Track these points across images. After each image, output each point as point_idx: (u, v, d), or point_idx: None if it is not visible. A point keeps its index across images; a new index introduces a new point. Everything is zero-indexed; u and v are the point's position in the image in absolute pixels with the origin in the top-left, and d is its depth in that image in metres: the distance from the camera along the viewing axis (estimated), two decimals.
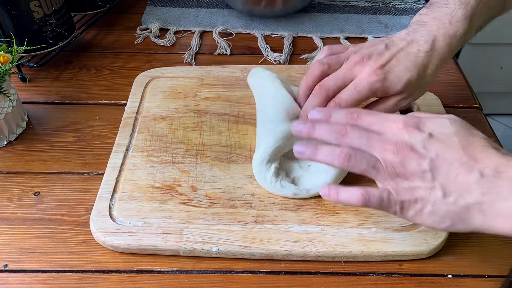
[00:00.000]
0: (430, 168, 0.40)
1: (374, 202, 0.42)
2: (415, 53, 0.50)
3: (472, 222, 0.39)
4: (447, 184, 0.39)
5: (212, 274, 0.47)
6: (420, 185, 0.40)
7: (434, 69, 0.51)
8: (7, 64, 0.57)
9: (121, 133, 0.60)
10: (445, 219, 0.40)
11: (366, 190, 0.42)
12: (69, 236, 0.51)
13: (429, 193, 0.40)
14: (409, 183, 0.41)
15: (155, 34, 0.82)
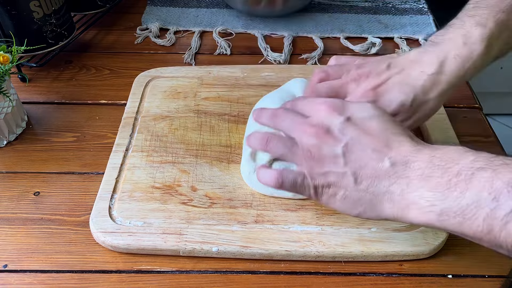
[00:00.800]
0: (343, 153, 0.40)
1: (287, 184, 0.42)
2: (417, 75, 0.47)
3: (383, 210, 0.39)
4: (359, 170, 0.39)
5: (212, 274, 0.47)
6: (333, 170, 0.40)
7: (440, 93, 0.47)
8: (7, 64, 0.57)
9: (121, 133, 0.60)
10: (357, 205, 0.40)
11: (281, 173, 0.43)
12: (69, 236, 0.51)
13: (341, 179, 0.40)
14: (323, 168, 0.41)
15: (155, 34, 0.82)
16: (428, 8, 0.89)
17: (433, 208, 0.36)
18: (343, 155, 0.40)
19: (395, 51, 0.79)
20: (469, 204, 0.34)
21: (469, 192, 0.34)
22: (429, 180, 0.36)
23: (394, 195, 0.38)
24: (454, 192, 0.35)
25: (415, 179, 0.37)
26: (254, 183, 0.53)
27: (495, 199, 0.33)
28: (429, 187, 0.36)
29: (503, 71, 1.56)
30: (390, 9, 0.89)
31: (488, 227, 0.33)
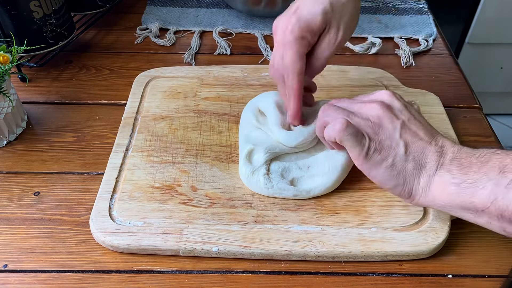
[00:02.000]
0: (400, 126, 0.46)
1: (350, 132, 0.46)
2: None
3: (418, 185, 0.45)
4: (411, 144, 0.45)
5: (212, 274, 0.47)
6: (387, 137, 0.46)
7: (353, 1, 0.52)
8: (7, 64, 0.57)
9: (121, 133, 0.60)
10: (399, 176, 0.45)
11: (348, 122, 0.46)
12: (69, 236, 0.51)
13: (394, 147, 0.45)
14: (380, 135, 0.46)
15: (155, 34, 0.82)
16: (428, 8, 0.89)
17: (454, 180, 0.42)
18: (400, 129, 0.46)
19: (394, 51, 0.79)
20: (481, 177, 0.40)
21: (484, 167, 0.41)
22: (457, 161, 0.43)
23: (431, 171, 0.44)
24: (473, 168, 0.41)
25: (447, 160, 0.44)
26: (253, 185, 0.53)
27: (502, 171, 0.39)
28: (456, 165, 0.43)
29: (503, 71, 1.56)
30: (390, 9, 0.89)
31: (493, 196, 0.39)
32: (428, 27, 0.84)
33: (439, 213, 0.50)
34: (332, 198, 0.52)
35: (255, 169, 0.52)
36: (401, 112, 0.47)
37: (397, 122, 0.46)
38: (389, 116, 0.46)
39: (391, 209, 0.51)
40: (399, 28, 0.84)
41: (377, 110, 0.47)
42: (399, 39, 0.81)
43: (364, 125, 0.46)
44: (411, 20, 0.86)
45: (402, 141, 0.45)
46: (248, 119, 0.58)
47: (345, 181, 0.54)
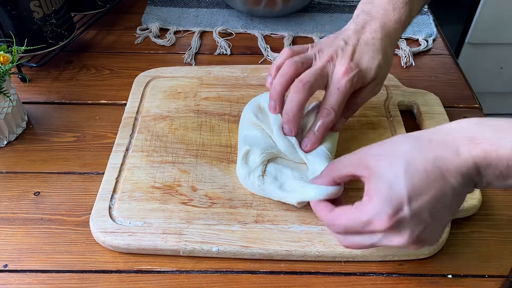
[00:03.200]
0: (430, 217, 0.39)
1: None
2: (372, 41, 0.53)
3: None
4: (435, 215, 0.39)
5: (212, 274, 0.47)
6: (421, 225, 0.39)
7: (391, 52, 0.55)
8: (7, 64, 0.57)
9: (121, 133, 0.60)
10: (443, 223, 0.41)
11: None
12: (69, 236, 0.51)
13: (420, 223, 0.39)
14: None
15: (155, 34, 0.82)
16: (428, 8, 0.89)
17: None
18: (430, 216, 0.39)
19: (394, 51, 0.79)
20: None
21: None
22: (499, 171, 0.37)
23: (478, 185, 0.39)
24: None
25: (491, 179, 0.38)
26: (249, 185, 0.52)
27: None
28: (504, 175, 0.37)
29: (503, 71, 1.56)
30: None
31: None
32: (428, 27, 0.84)
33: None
34: None
35: (251, 170, 0.52)
36: (416, 221, 0.39)
37: (407, 228, 0.39)
38: (401, 225, 0.39)
39: None
40: None
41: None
42: (399, 39, 0.81)
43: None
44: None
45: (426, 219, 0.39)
46: (248, 118, 0.57)
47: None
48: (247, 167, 0.52)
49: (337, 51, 0.52)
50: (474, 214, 0.53)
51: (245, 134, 0.56)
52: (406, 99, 0.65)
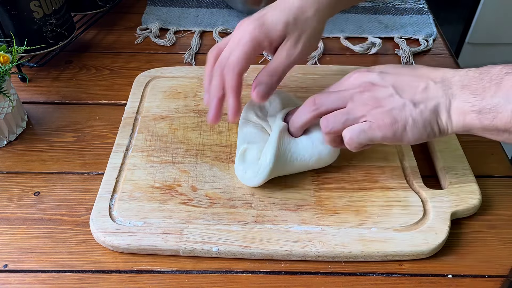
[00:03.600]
0: (395, 91, 0.46)
1: (359, 137, 0.47)
2: (290, 1, 0.52)
3: (441, 122, 0.45)
4: (413, 97, 0.45)
5: (212, 274, 0.47)
6: (393, 105, 0.45)
7: (315, 12, 0.52)
8: (7, 64, 0.57)
9: (121, 133, 0.60)
10: (426, 127, 0.45)
11: (349, 132, 0.47)
12: (69, 236, 0.51)
13: (404, 110, 0.45)
14: (385, 108, 0.45)
15: (155, 34, 0.82)
16: (428, 8, 0.89)
17: (474, 108, 0.43)
18: (396, 92, 0.46)
19: (394, 51, 0.79)
20: (499, 101, 0.41)
21: (500, 91, 0.42)
22: (468, 88, 0.43)
23: (446, 104, 0.44)
24: (488, 93, 0.42)
25: (457, 90, 0.44)
26: (246, 181, 0.53)
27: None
28: (469, 92, 0.43)
29: None
30: (390, 9, 0.89)
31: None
32: (428, 27, 0.84)
33: (439, 213, 0.50)
34: (332, 198, 0.52)
35: (248, 167, 0.52)
36: (384, 80, 0.47)
37: (388, 89, 0.46)
38: (378, 89, 0.46)
39: (391, 209, 0.51)
40: (399, 28, 0.84)
41: (365, 93, 0.46)
42: (399, 39, 0.81)
43: (367, 116, 0.46)
44: (411, 20, 0.86)
45: (406, 99, 0.45)
46: (247, 116, 0.57)
47: (345, 181, 0.54)
48: (244, 164, 0.53)
49: (252, 17, 0.53)
50: (474, 214, 0.53)
51: (244, 132, 0.56)
52: None
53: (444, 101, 0.44)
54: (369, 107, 0.46)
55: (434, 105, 0.45)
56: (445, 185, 0.54)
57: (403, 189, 0.53)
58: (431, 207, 0.51)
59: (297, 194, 0.53)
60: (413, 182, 0.54)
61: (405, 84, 0.46)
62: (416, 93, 0.45)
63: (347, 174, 0.55)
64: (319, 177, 0.55)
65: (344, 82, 0.50)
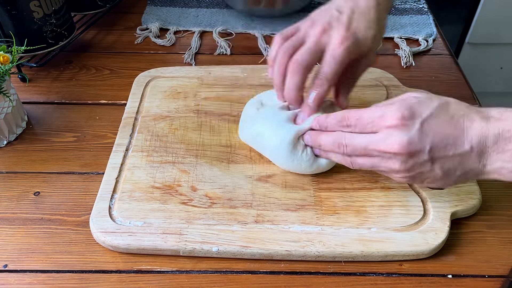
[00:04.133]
0: (430, 158, 0.44)
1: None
2: (366, 9, 0.52)
3: (467, 180, 0.48)
4: (445, 164, 0.44)
5: (212, 274, 0.47)
6: (422, 170, 0.45)
7: (384, 20, 0.54)
8: (7, 64, 0.57)
9: (121, 133, 0.60)
10: (446, 184, 0.46)
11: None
12: (69, 236, 0.51)
13: (430, 173, 0.45)
14: (412, 172, 0.45)
15: (155, 34, 0.82)
16: (428, 8, 0.89)
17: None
18: (430, 160, 0.44)
19: (394, 51, 0.79)
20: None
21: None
22: (504, 153, 0.42)
23: (478, 171, 0.44)
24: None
25: (493, 153, 0.43)
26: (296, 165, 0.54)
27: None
28: (507, 158, 0.42)
29: (503, 71, 1.56)
30: (390, 9, 0.89)
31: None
32: (428, 27, 0.84)
33: (439, 213, 0.50)
34: (332, 198, 0.52)
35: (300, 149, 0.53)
36: (423, 140, 0.43)
37: (424, 156, 0.44)
38: (413, 155, 0.44)
39: (391, 209, 0.51)
40: (399, 28, 0.84)
41: (399, 157, 0.44)
42: (399, 39, 0.81)
43: (392, 174, 0.47)
44: (411, 20, 0.86)
45: (437, 168, 0.44)
46: (248, 113, 0.58)
47: (345, 181, 0.54)
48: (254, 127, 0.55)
49: (331, 22, 0.51)
50: (474, 214, 0.53)
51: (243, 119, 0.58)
52: None
53: (477, 167, 0.44)
54: (397, 169, 0.45)
55: (465, 172, 0.44)
56: None
57: (403, 189, 0.53)
58: (431, 207, 0.51)
59: (297, 194, 0.53)
60: None
61: (442, 147, 0.43)
62: (450, 159, 0.44)
63: (347, 174, 0.55)
64: (319, 177, 0.55)
65: (380, 122, 0.45)
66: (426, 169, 0.44)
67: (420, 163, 0.44)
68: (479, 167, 0.43)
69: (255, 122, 0.56)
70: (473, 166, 0.43)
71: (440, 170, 0.44)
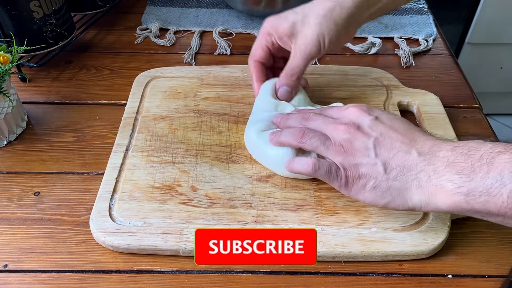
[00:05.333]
0: (373, 145, 0.44)
1: (323, 172, 0.46)
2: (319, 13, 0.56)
3: (411, 198, 0.42)
4: (389, 161, 0.43)
5: (212, 274, 0.47)
6: (364, 161, 0.44)
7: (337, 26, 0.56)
8: (7, 64, 0.57)
9: (121, 133, 0.60)
10: (386, 194, 0.43)
11: (317, 161, 0.47)
12: (69, 236, 0.51)
13: (372, 169, 0.44)
14: (355, 159, 0.45)
15: (155, 34, 0.82)
16: (428, 8, 0.89)
17: (460, 190, 0.39)
18: (374, 148, 0.44)
19: (394, 51, 0.79)
20: (493, 183, 0.37)
21: (492, 172, 0.37)
22: (454, 166, 0.40)
23: (422, 182, 0.41)
24: (478, 173, 0.38)
25: (441, 166, 0.41)
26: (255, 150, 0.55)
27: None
28: (455, 171, 0.39)
29: (503, 71, 1.56)
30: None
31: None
32: (428, 27, 0.84)
33: (439, 213, 0.50)
34: (332, 198, 0.52)
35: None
36: (372, 128, 0.45)
37: (368, 141, 0.44)
38: (359, 137, 0.45)
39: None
40: (399, 28, 0.84)
41: (346, 134, 0.46)
42: (399, 39, 0.81)
43: (336, 155, 0.46)
44: (411, 20, 0.86)
45: (379, 160, 0.43)
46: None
47: None
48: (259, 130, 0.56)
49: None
50: None
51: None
52: (406, 99, 0.65)
53: (421, 178, 0.41)
54: (342, 150, 0.45)
55: (408, 179, 0.42)
56: None
57: None
58: None
59: (297, 194, 0.53)
60: None
61: (388, 141, 0.44)
62: (394, 157, 0.43)
63: None
64: None
65: (342, 110, 0.49)
66: (369, 160, 0.44)
67: (365, 149, 0.44)
68: (424, 178, 0.41)
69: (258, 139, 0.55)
70: (417, 175, 0.42)
71: (382, 167, 0.43)
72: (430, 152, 0.42)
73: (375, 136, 0.45)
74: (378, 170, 0.43)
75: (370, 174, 0.44)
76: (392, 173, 0.43)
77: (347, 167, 0.45)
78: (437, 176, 0.41)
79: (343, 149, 0.45)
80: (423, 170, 0.42)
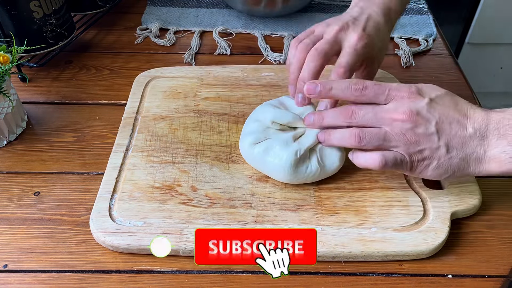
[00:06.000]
0: (436, 130, 0.46)
1: (390, 164, 0.47)
2: (379, 25, 0.56)
3: (468, 169, 0.47)
4: (450, 141, 0.46)
5: (212, 274, 0.47)
6: (427, 146, 0.46)
7: (389, 36, 0.60)
8: (7, 64, 0.57)
9: (121, 133, 0.60)
10: (448, 170, 0.47)
11: (383, 155, 0.47)
12: (69, 236, 0.51)
13: (436, 152, 0.46)
14: (419, 146, 0.46)
15: (155, 34, 0.82)
16: (428, 8, 0.89)
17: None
18: (437, 132, 0.46)
19: (394, 51, 0.79)
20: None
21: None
22: (505, 137, 0.45)
23: (479, 155, 0.46)
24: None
25: (493, 139, 0.45)
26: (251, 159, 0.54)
27: None
28: (507, 142, 0.44)
29: (503, 71, 1.56)
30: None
31: None
32: (428, 27, 0.84)
33: (439, 213, 0.50)
34: (332, 198, 0.52)
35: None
36: (430, 112, 0.46)
37: (430, 126, 0.46)
38: (420, 123, 0.45)
39: (391, 209, 0.51)
40: (399, 28, 0.84)
41: (407, 123, 0.46)
42: (399, 39, 0.81)
43: (400, 146, 0.46)
44: (411, 20, 0.86)
45: (442, 142, 0.46)
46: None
47: (345, 181, 0.54)
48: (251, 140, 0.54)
49: (348, 23, 0.54)
50: (474, 214, 0.53)
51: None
52: None
53: (478, 151, 0.45)
54: (405, 140, 0.46)
55: (467, 155, 0.46)
56: (445, 185, 0.54)
57: (403, 189, 0.53)
58: (431, 207, 0.51)
59: (297, 194, 0.53)
60: (413, 182, 0.54)
61: (447, 122, 0.46)
62: (454, 137, 0.46)
63: (347, 174, 0.55)
64: None
65: (392, 92, 0.47)
66: (433, 145, 0.46)
67: (428, 135, 0.45)
68: (480, 152, 0.45)
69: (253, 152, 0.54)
70: (475, 149, 0.45)
71: (445, 148, 0.45)
72: (483, 126, 0.45)
73: (436, 120, 0.46)
74: (441, 152, 0.46)
75: (433, 156, 0.46)
76: (453, 152, 0.46)
77: (412, 154, 0.47)
78: (491, 148, 0.45)
79: (406, 138, 0.46)
80: (479, 144, 0.45)
